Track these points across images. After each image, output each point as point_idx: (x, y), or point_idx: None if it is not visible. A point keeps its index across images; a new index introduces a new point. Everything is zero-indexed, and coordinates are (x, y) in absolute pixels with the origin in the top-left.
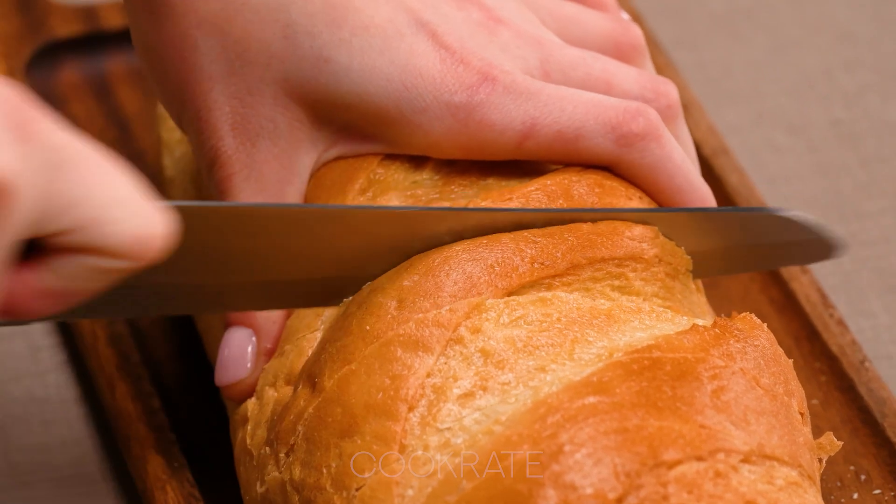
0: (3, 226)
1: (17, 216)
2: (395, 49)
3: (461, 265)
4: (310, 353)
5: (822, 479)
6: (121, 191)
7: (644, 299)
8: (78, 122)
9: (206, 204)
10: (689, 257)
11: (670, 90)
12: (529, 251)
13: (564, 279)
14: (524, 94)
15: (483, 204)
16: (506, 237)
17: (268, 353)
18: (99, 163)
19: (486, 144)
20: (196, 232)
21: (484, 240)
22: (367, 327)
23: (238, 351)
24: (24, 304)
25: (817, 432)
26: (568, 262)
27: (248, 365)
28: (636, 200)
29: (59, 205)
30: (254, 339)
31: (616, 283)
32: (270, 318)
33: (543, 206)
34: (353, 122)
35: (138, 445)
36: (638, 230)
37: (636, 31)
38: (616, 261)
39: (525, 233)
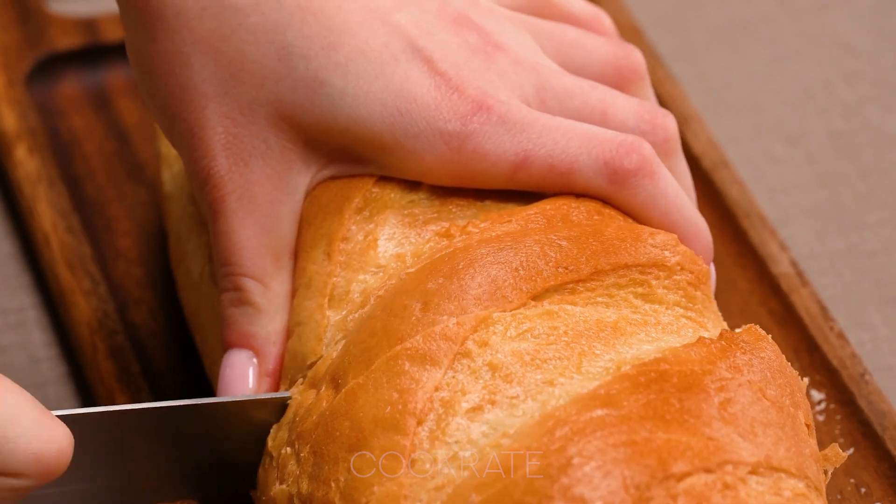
0: None
1: None
2: (390, 74)
3: (486, 268)
4: (334, 356)
5: None
6: (15, 409)
7: (667, 308)
8: (77, 134)
9: (98, 410)
10: (706, 266)
11: (668, 122)
12: (554, 255)
13: (588, 284)
14: (518, 124)
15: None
16: (530, 239)
17: (270, 375)
18: None
19: (478, 173)
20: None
21: (508, 240)
22: (392, 329)
23: (239, 371)
24: None
25: (817, 444)
26: (592, 267)
27: (250, 386)
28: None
29: None
30: (255, 360)
31: (639, 290)
32: (270, 339)
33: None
34: (347, 146)
35: None
36: (660, 237)
37: (637, 57)
38: (639, 268)
39: (550, 235)
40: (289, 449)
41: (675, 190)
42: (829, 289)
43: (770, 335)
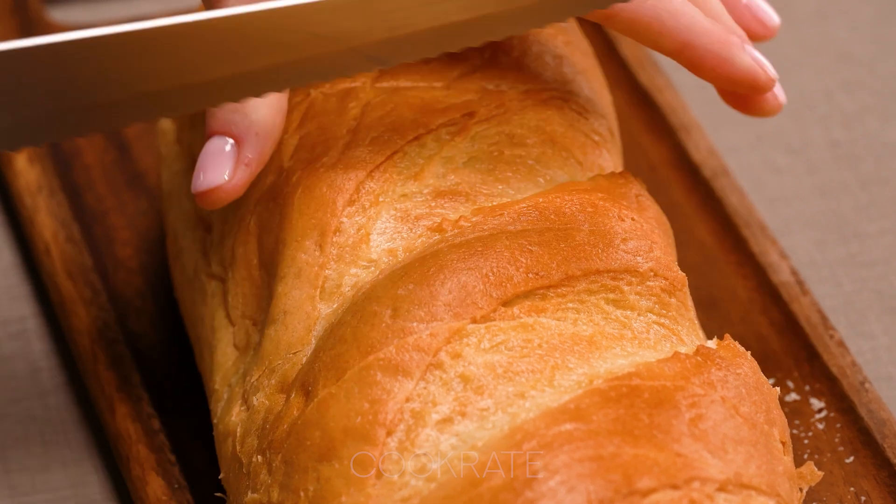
0: None
1: None
2: None
3: (456, 274)
4: (303, 361)
5: (822, 501)
6: None
7: (639, 314)
8: (77, 143)
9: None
10: (683, 274)
11: None
12: (524, 260)
13: (559, 290)
14: None
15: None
16: (500, 244)
17: (249, 164)
18: None
19: None
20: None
21: (479, 246)
22: (362, 336)
23: (216, 157)
24: None
25: (817, 453)
26: (563, 273)
27: (227, 170)
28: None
29: None
30: (232, 144)
31: (611, 296)
32: (252, 129)
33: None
34: None
35: (138, 467)
36: (633, 243)
37: None
38: (611, 273)
39: (521, 241)
40: (260, 458)
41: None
42: (829, 298)
43: (770, 344)
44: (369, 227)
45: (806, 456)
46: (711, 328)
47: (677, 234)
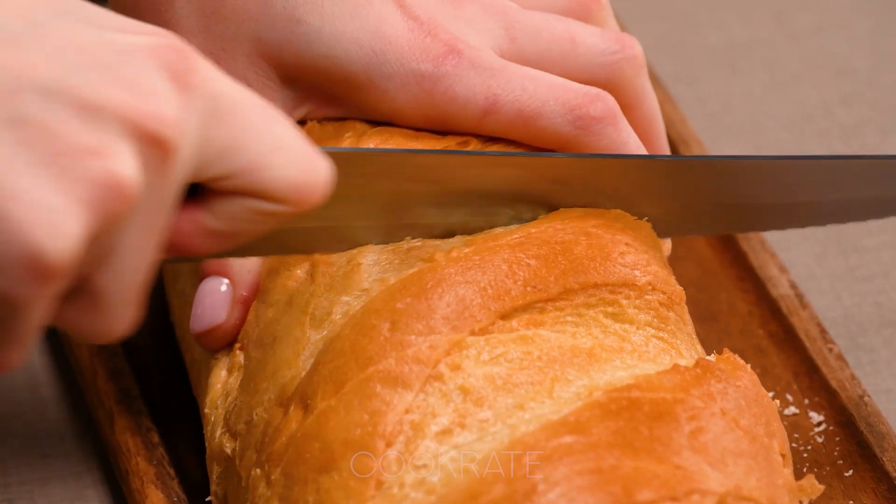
0: (165, 175)
1: (179, 165)
2: (365, 16)
3: (454, 288)
4: (303, 374)
5: None
6: (282, 137)
7: (638, 328)
8: None
9: (360, 150)
10: (681, 288)
11: (634, 43)
12: (522, 274)
13: (557, 304)
14: (488, 70)
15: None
16: (498, 258)
17: (244, 302)
18: (260, 109)
19: (448, 116)
20: (345, 177)
21: (476, 258)
22: (360, 349)
23: (213, 299)
24: (189, 242)
25: (816, 466)
26: (561, 286)
27: (224, 311)
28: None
29: (219, 151)
30: (227, 283)
31: (609, 309)
32: (245, 267)
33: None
34: (323, 85)
35: (137, 480)
36: (630, 257)
37: None
38: (609, 287)
39: (518, 254)
40: (258, 470)
41: (637, 143)
42: (828, 311)
43: (769, 357)
44: (360, 257)
45: (805, 469)
46: (710, 341)
47: (676, 247)
